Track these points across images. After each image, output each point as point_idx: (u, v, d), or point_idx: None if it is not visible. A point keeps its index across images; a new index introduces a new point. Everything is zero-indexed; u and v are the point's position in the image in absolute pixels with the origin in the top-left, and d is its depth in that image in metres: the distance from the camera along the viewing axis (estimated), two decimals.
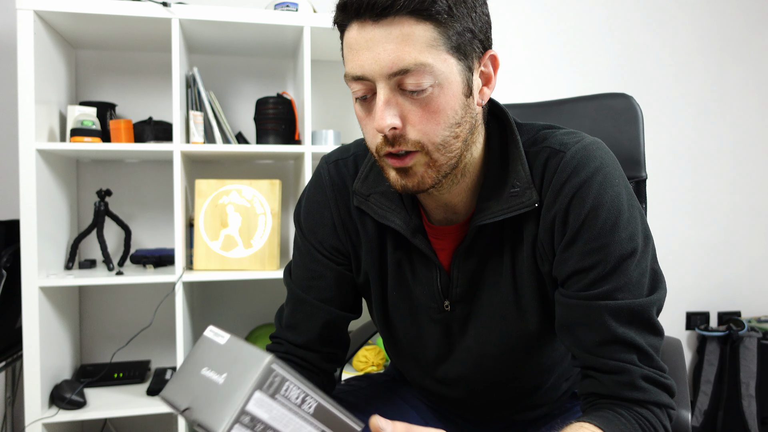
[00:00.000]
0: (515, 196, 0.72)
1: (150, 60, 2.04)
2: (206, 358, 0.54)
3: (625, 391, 0.67)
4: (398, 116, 0.65)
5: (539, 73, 2.41)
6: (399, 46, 0.62)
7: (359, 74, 0.65)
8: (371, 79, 0.65)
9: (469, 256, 0.77)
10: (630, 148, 1.07)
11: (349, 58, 0.66)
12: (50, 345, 1.68)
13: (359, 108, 0.69)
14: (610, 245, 0.68)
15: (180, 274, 1.69)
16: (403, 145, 0.66)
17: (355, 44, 0.65)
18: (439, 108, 0.65)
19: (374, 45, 0.63)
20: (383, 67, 0.63)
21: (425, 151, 0.67)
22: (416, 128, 0.66)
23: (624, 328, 0.67)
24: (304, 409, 0.54)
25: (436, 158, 0.67)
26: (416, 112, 0.65)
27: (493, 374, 0.85)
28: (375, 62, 0.63)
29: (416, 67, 0.63)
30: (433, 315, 0.82)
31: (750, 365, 2.29)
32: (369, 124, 0.69)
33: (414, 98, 0.65)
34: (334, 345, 0.88)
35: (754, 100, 2.62)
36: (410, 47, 0.62)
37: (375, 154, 0.70)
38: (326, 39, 1.90)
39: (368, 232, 0.82)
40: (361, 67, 0.64)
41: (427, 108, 0.65)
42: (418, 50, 0.62)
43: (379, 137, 0.67)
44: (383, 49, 0.62)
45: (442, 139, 0.67)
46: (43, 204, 1.62)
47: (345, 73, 0.68)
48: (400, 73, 0.63)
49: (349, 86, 0.68)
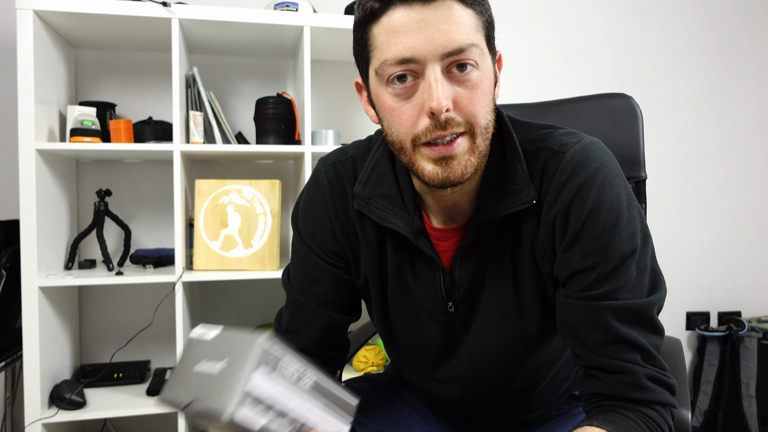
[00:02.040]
0: (513, 193, 0.72)
1: (150, 60, 2.04)
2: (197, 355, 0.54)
3: (630, 392, 0.67)
4: (451, 98, 0.65)
5: (539, 73, 2.41)
6: (453, 27, 0.63)
7: (409, 56, 0.63)
8: (421, 61, 0.64)
9: (471, 256, 0.77)
10: (630, 148, 1.07)
11: (391, 42, 0.64)
12: (50, 345, 1.68)
13: (392, 98, 0.67)
14: (610, 245, 0.68)
15: (180, 274, 1.69)
16: (455, 127, 0.65)
17: (402, 26, 0.63)
18: (483, 91, 0.67)
19: (426, 26, 0.63)
20: (438, 46, 0.63)
21: (471, 134, 0.67)
22: (465, 110, 0.65)
23: (626, 327, 0.67)
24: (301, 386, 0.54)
25: (478, 143, 0.67)
26: (464, 94, 0.65)
27: (491, 373, 0.85)
28: (429, 42, 0.63)
29: (468, 47, 0.64)
30: (436, 317, 0.82)
31: (750, 365, 2.29)
32: (407, 113, 0.66)
33: (462, 79, 0.65)
34: (334, 348, 0.88)
35: (753, 100, 2.62)
36: (461, 28, 0.64)
37: (409, 146, 0.68)
38: (326, 39, 1.90)
39: (368, 235, 0.82)
40: (411, 49, 0.63)
41: (473, 90, 0.66)
42: (468, 32, 0.64)
43: (423, 123, 0.65)
44: (437, 29, 0.63)
45: (486, 122, 0.67)
46: (43, 204, 1.62)
47: (383, 59, 0.65)
48: (455, 53, 0.63)
49: (385, 71, 0.66)
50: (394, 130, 0.68)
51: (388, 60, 0.65)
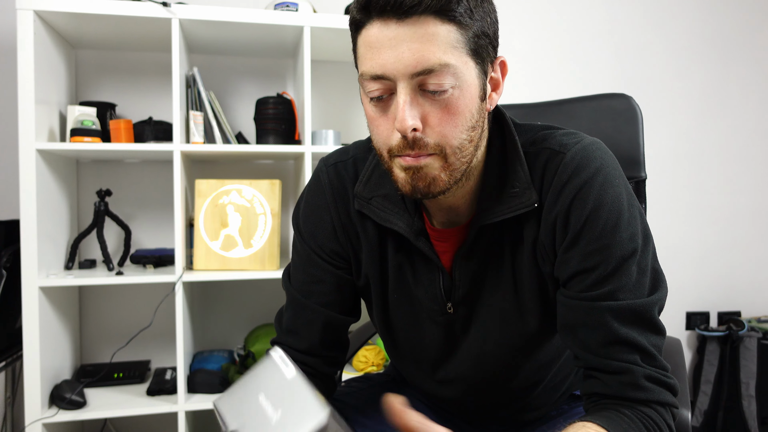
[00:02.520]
0: (515, 196, 0.72)
1: (150, 60, 2.04)
2: (267, 385, 0.53)
3: (628, 391, 0.67)
4: (419, 117, 0.64)
5: (539, 73, 2.41)
6: (424, 46, 0.62)
7: (380, 73, 0.64)
8: (392, 79, 0.64)
9: (471, 257, 0.77)
10: (630, 148, 1.07)
11: (367, 56, 0.65)
12: (50, 345, 1.68)
13: (372, 108, 0.68)
14: (611, 246, 0.68)
15: (180, 274, 1.69)
16: (422, 149, 0.65)
17: (376, 43, 0.63)
18: (459, 110, 0.65)
19: (398, 44, 0.62)
20: (407, 66, 0.62)
21: (443, 155, 0.66)
22: (435, 130, 0.65)
23: (626, 328, 0.67)
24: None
25: (451, 162, 0.67)
26: (436, 114, 0.64)
27: (491, 373, 0.85)
28: (398, 61, 0.62)
29: (440, 68, 0.62)
30: (435, 317, 0.82)
31: (750, 365, 2.29)
32: (383, 125, 0.67)
33: (434, 99, 0.64)
34: (335, 348, 0.88)
35: (753, 100, 2.62)
36: (434, 47, 0.62)
37: (386, 154, 0.69)
38: (326, 39, 1.90)
39: (368, 235, 0.82)
40: (382, 66, 0.63)
41: (446, 110, 0.64)
42: (442, 50, 0.62)
43: (396, 138, 0.66)
44: (407, 48, 0.62)
45: (459, 142, 0.66)
46: (43, 204, 1.62)
47: (361, 72, 0.66)
48: (423, 72, 0.62)
49: (364, 86, 0.67)
50: (374, 138, 0.70)
51: (365, 74, 0.66)
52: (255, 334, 1.92)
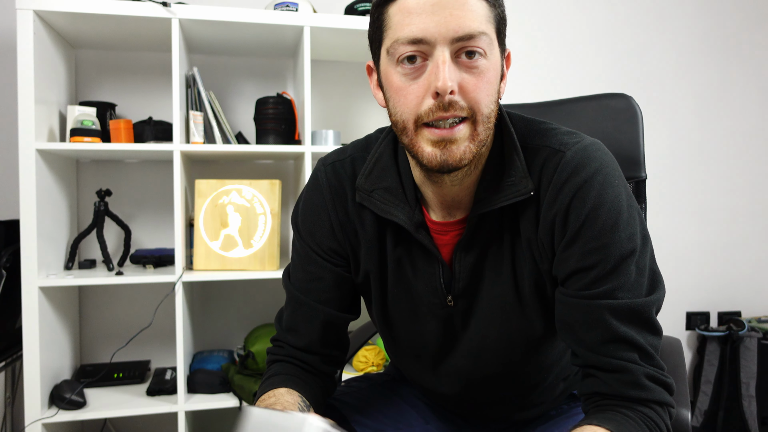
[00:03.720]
0: (511, 185, 0.73)
1: (150, 60, 2.04)
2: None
3: (629, 390, 0.67)
4: (456, 82, 0.66)
5: (539, 73, 2.41)
6: (465, 13, 0.65)
7: (420, 36, 0.66)
8: (432, 43, 0.66)
9: (470, 249, 0.78)
10: (630, 148, 1.07)
11: (404, 22, 0.67)
12: (50, 345, 1.68)
13: (401, 78, 0.68)
14: (610, 245, 0.68)
15: (180, 274, 1.69)
16: (457, 111, 0.67)
17: (417, 8, 0.66)
18: (489, 80, 0.68)
19: (440, 9, 0.65)
20: (449, 30, 0.65)
21: (473, 120, 0.68)
22: (469, 96, 0.67)
23: (625, 327, 0.68)
24: None
25: (479, 131, 0.69)
26: (470, 80, 0.67)
27: (492, 370, 0.85)
28: (441, 25, 0.65)
29: (479, 35, 0.66)
30: (435, 311, 0.82)
31: (750, 365, 2.29)
32: (413, 93, 0.68)
33: (470, 66, 0.67)
34: (335, 347, 0.88)
35: (754, 100, 2.62)
36: (474, 16, 0.66)
37: (411, 126, 0.69)
38: (326, 39, 1.90)
39: (367, 231, 0.82)
40: (423, 30, 0.65)
41: (480, 77, 0.67)
42: (480, 21, 0.66)
43: (428, 103, 0.67)
44: (450, 14, 0.65)
45: (488, 111, 0.69)
46: (43, 204, 1.62)
47: (396, 38, 0.67)
48: (465, 38, 0.65)
49: (396, 50, 0.68)
50: (399, 110, 0.70)
51: (400, 39, 0.67)
52: (255, 334, 1.92)
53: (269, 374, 0.84)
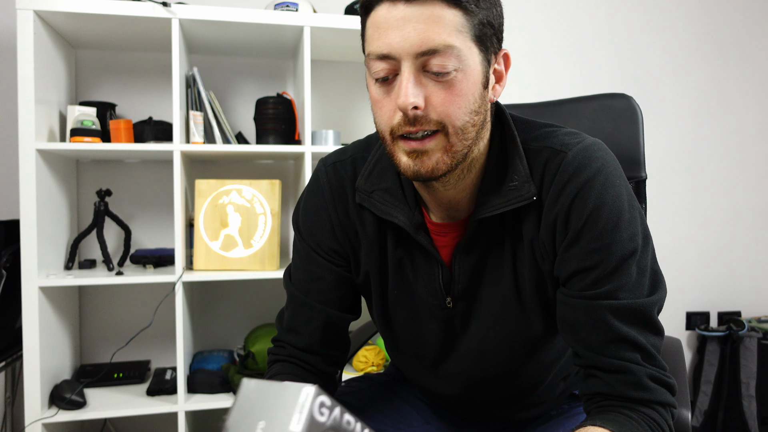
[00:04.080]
0: (513, 189, 0.73)
1: (150, 60, 2.04)
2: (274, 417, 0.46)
3: (631, 391, 0.67)
4: (422, 96, 0.65)
5: (539, 73, 2.41)
6: (429, 27, 0.63)
7: (386, 52, 0.65)
8: (397, 58, 0.65)
9: (470, 251, 0.77)
10: (630, 148, 1.07)
11: (374, 37, 0.67)
12: (50, 345, 1.68)
13: (377, 90, 0.69)
14: (611, 245, 0.68)
15: (180, 274, 1.69)
16: (424, 125, 0.66)
17: (384, 23, 0.65)
18: (461, 92, 0.66)
19: (404, 24, 0.64)
20: (412, 45, 0.64)
21: (445, 133, 0.67)
22: (438, 109, 0.66)
23: (626, 327, 0.68)
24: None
25: (453, 143, 0.68)
26: (439, 94, 0.66)
27: (492, 371, 0.85)
28: (404, 40, 0.64)
29: (444, 49, 0.64)
30: (435, 312, 0.82)
31: (750, 365, 2.29)
32: (386, 106, 0.68)
33: (438, 80, 0.65)
34: (335, 347, 0.88)
35: (753, 100, 2.62)
36: (440, 29, 0.64)
37: (388, 137, 0.69)
38: (326, 39, 1.90)
39: (368, 232, 0.82)
40: (388, 45, 0.65)
41: (450, 91, 0.66)
42: (447, 33, 0.64)
43: (398, 117, 0.67)
44: (414, 28, 0.63)
45: (462, 123, 0.67)
46: (43, 204, 1.62)
47: (368, 53, 0.68)
48: (428, 53, 0.64)
49: (370, 66, 0.68)
50: (377, 120, 0.71)
51: (371, 54, 0.67)
52: (255, 334, 1.92)
53: (270, 374, 0.84)
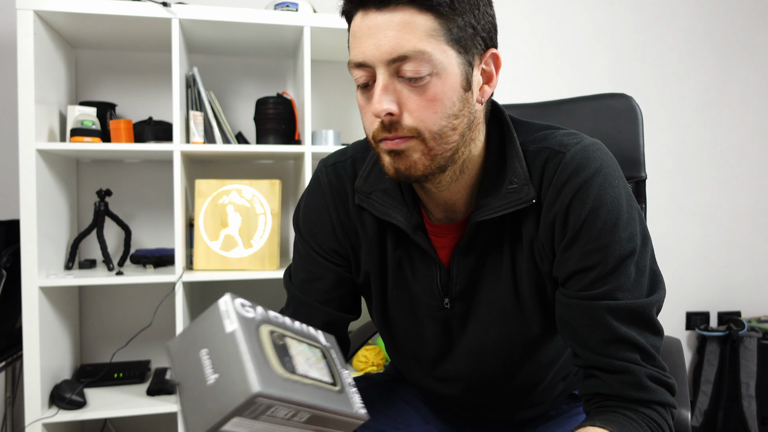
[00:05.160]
0: (513, 192, 0.72)
1: (150, 60, 2.04)
2: (211, 338, 0.49)
3: (631, 392, 0.67)
4: (395, 102, 0.66)
5: (539, 73, 2.41)
6: (399, 33, 0.64)
7: (360, 60, 0.67)
8: (372, 66, 0.66)
9: (469, 253, 0.78)
10: (630, 148, 1.07)
11: (352, 45, 0.68)
12: (50, 345, 1.68)
13: (360, 96, 0.70)
14: (610, 245, 0.68)
15: (180, 274, 1.69)
16: (399, 131, 0.67)
17: (359, 32, 0.66)
18: (437, 96, 0.66)
19: (376, 32, 0.65)
20: (383, 53, 0.64)
21: (422, 138, 0.67)
22: (413, 115, 0.66)
23: (626, 327, 0.68)
24: (295, 421, 0.50)
25: (431, 147, 0.68)
26: (414, 100, 0.66)
27: (491, 372, 0.85)
28: (376, 48, 0.65)
29: (415, 54, 0.64)
30: (433, 313, 0.82)
31: (750, 365, 2.29)
32: (368, 112, 0.70)
33: (412, 86, 0.66)
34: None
35: (754, 100, 2.62)
36: (410, 35, 0.64)
37: (372, 141, 0.71)
38: (326, 39, 1.90)
39: (368, 232, 0.82)
40: (362, 54, 0.66)
41: (424, 96, 0.66)
42: (418, 38, 0.64)
43: (376, 123, 0.68)
44: (384, 35, 0.64)
45: (439, 128, 0.67)
46: (43, 204, 1.62)
47: (348, 60, 0.69)
48: (399, 59, 0.64)
49: (352, 74, 0.69)
50: (363, 126, 0.72)
51: (350, 62, 0.69)
52: None
53: None
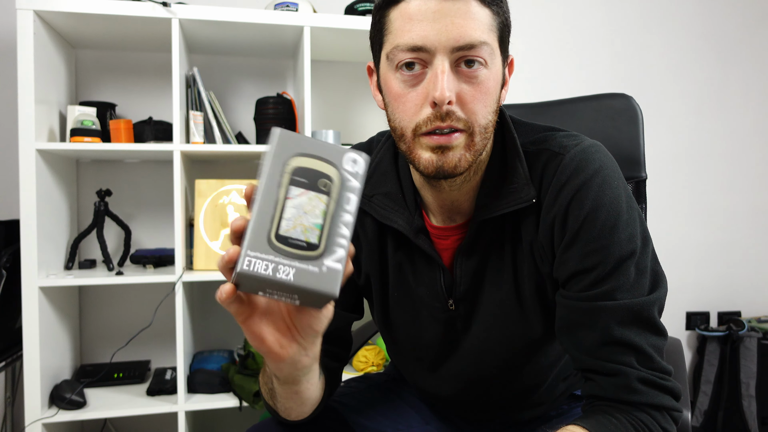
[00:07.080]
0: (513, 192, 0.73)
1: (150, 60, 2.04)
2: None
3: (621, 394, 0.67)
4: (455, 92, 0.65)
5: (539, 73, 2.41)
6: (467, 22, 0.64)
7: (420, 44, 0.65)
8: (431, 50, 0.65)
9: (471, 254, 0.77)
10: (630, 148, 1.07)
11: (405, 29, 0.66)
12: (50, 345, 1.68)
13: (400, 84, 0.68)
14: (609, 246, 0.68)
15: (180, 274, 1.69)
16: (454, 121, 0.66)
17: (418, 15, 0.65)
18: (488, 90, 0.67)
19: (441, 17, 0.64)
20: (450, 38, 0.64)
21: (470, 132, 0.67)
22: (468, 107, 0.66)
23: (623, 329, 0.67)
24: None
25: (476, 141, 0.68)
26: (469, 91, 0.66)
27: (492, 372, 0.85)
28: (441, 33, 0.64)
29: (480, 45, 0.65)
30: (437, 314, 0.82)
31: (750, 365, 2.29)
32: (411, 101, 0.67)
33: (468, 76, 0.66)
34: (337, 344, 0.88)
35: (753, 100, 2.62)
36: (476, 25, 0.65)
37: (409, 134, 0.68)
38: (326, 39, 1.90)
39: (368, 235, 0.82)
40: (423, 38, 0.64)
41: (479, 88, 0.66)
42: (482, 30, 0.65)
43: (426, 112, 0.66)
44: (451, 22, 0.64)
45: (486, 122, 0.68)
46: (43, 204, 1.62)
47: (396, 44, 0.66)
48: (465, 48, 0.64)
49: (396, 56, 0.67)
50: (398, 117, 0.69)
51: (400, 45, 0.66)
52: None
53: None
